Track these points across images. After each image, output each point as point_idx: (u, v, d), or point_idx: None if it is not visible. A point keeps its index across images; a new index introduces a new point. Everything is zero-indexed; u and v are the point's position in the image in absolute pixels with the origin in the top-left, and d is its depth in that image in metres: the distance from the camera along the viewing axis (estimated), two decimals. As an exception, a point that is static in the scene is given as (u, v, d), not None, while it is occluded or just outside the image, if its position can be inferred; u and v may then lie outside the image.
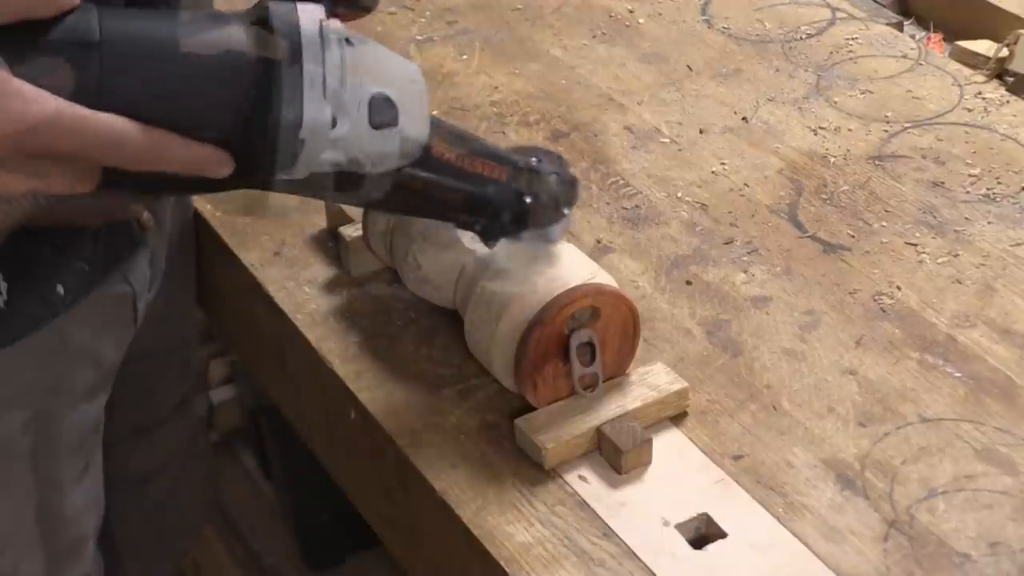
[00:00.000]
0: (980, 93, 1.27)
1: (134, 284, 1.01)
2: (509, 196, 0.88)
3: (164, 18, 0.76)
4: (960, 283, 1.05)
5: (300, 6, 0.77)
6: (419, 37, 1.39)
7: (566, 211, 0.92)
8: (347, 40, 0.78)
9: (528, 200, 0.89)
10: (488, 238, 0.91)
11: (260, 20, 0.76)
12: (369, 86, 0.78)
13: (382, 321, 1.03)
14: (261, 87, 0.75)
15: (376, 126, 0.79)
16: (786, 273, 1.07)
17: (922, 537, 0.85)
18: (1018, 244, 1.09)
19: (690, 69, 1.33)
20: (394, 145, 0.80)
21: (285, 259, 1.10)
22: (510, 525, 0.87)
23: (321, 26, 0.76)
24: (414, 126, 0.81)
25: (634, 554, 0.84)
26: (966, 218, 1.12)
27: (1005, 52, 1.37)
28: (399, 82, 0.80)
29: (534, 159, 0.90)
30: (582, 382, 0.92)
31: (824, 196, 1.15)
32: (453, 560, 0.92)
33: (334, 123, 0.77)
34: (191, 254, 1.20)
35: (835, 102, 1.27)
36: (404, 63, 0.82)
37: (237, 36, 0.75)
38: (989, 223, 1.11)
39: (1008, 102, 1.26)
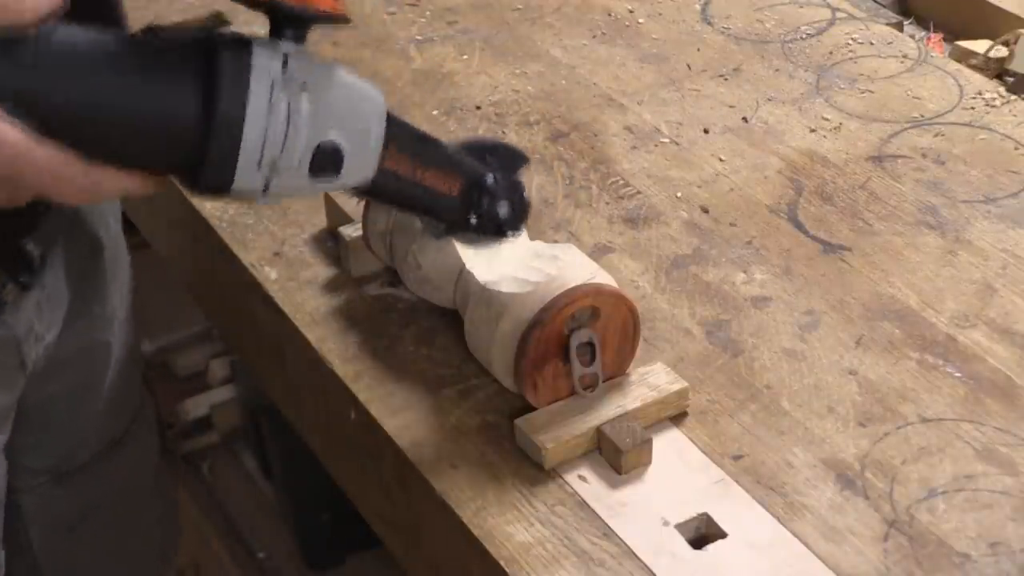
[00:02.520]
0: (980, 93, 1.27)
1: (15, 328, 0.97)
2: (454, 210, 0.87)
3: (107, 46, 0.73)
4: (960, 283, 1.05)
5: (256, 57, 0.74)
6: (419, 37, 1.39)
7: (509, 235, 0.90)
8: (304, 84, 0.75)
9: (472, 221, 0.88)
10: (429, 232, 0.92)
11: (208, 67, 0.73)
12: (318, 134, 0.76)
13: (382, 321, 1.03)
14: (194, 147, 0.73)
15: (316, 174, 0.77)
16: (786, 273, 1.07)
17: (922, 537, 0.85)
18: (1018, 244, 1.09)
19: (690, 69, 1.33)
20: (330, 188, 0.79)
21: (285, 259, 1.10)
22: (510, 525, 0.87)
23: (272, 86, 0.74)
24: (358, 172, 0.79)
25: (634, 554, 0.84)
26: (966, 218, 1.12)
27: (1002, 50, 1.37)
28: (354, 122, 0.78)
29: (490, 178, 0.88)
30: (582, 382, 0.92)
31: (824, 196, 1.15)
32: (453, 560, 0.92)
33: (266, 187, 0.76)
34: (104, 286, 1.11)
35: (835, 102, 1.27)
36: (364, 92, 0.79)
37: (181, 96, 0.73)
38: (989, 223, 1.11)
39: (1008, 102, 1.26)
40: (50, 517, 1.16)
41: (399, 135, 0.82)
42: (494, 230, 0.89)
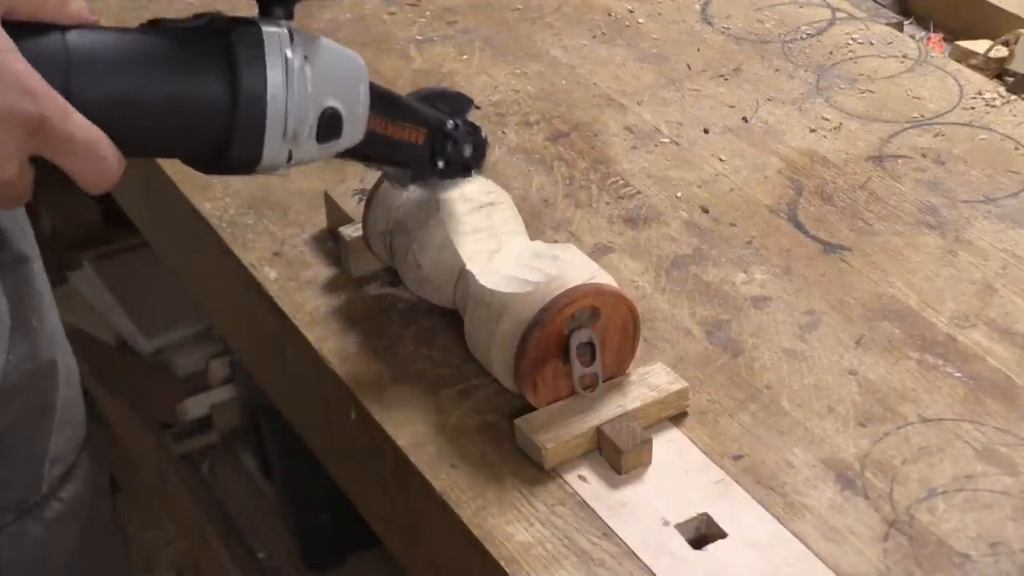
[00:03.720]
0: (980, 93, 1.27)
1: None
2: (423, 157, 0.93)
3: (132, 42, 0.76)
4: (960, 283, 1.05)
5: (266, 37, 0.77)
6: (419, 37, 1.39)
7: (473, 173, 0.97)
8: (305, 58, 0.79)
9: (440, 165, 0.94)
10: (395, 182, 0.96)
11: (223, 49, 0.76)
12: (321, 101, 0.80)
13: (382, 321, 1.03)
14: (221, 127, 0.77)
15: (321, 140, 0.81)
16: (786, 273, 1.07)
17: (922, 537, 0.85)
18: (1018, 244, 1.09)
19: (690, 69, 1.33)
20: (332, 152, 0.83)
21: (285, 259, 1.10)
22: (510, 525, 0.87)
23: (287, 61, 0.77)
24: (353, 133, 0.84)
25: (634, 554, 0.84)
26: (966, 218, 1.12)
27: (1002, 50, 1.37)
28: (346, 86, 0.82)
29: (450, 123, 0.93)
30: (582, 382, 0.92)
31: (824, 196, 1.15)
32: (453, 560, 0.92)
33: (290, 157, 0.80)
34: (38, 300, 1.07)
35: (835, 102, 1.27)
36: (350, 61, 0.83)
37: (204, 80, 0.76)
38: (989, 223, 1.11)
39: (1008, 102, 1.26)
40: (20, 556, 1.12)
41: (372, 96, 0.86)
42: (461, 171, 0.96)
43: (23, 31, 0.71)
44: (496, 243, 0.98)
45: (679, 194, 1.16)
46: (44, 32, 0.72)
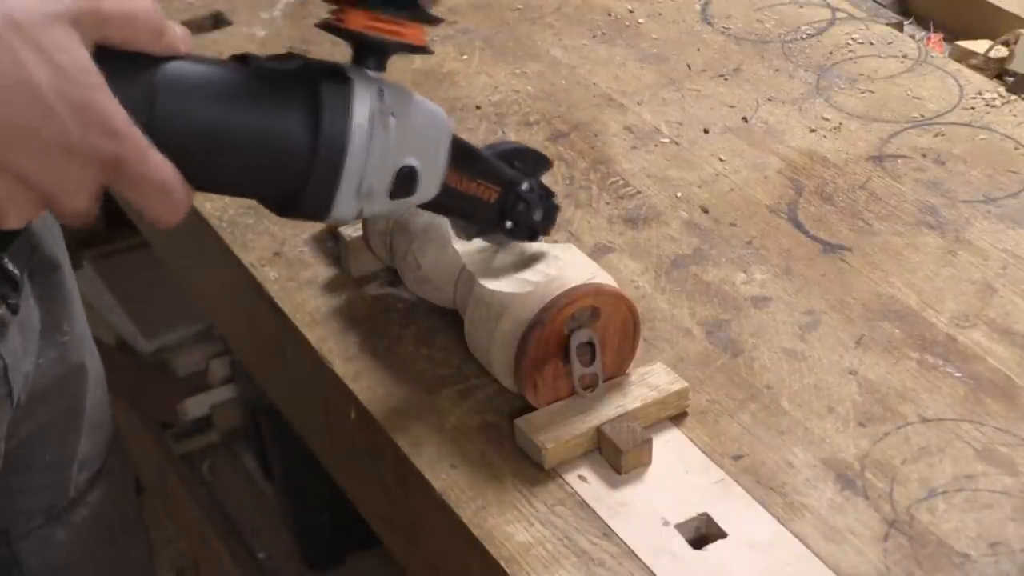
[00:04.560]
0: (980, 93, 1.27)
1: (5, 357, 0.93)
2: (492, 215, 0.91)
3: (220, 76, 0.75)
4: (960, 283, 1.05)
5: (356, 95, 0.76)
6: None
7: (539, 238, 0.95)
8: (393, 114, 0.78)
9: (508, 225, 0.92)
10: (459, 232, 0.95)
11: (312, 96, 0.76)
12: (400, 159, 0.79)
13: (382, 321, 1.03)
14: (297, 174, 0.76)
15: (394, 197, 0.80)
16: (786, 273, 1.07)
17: (922, 537, 0.85)
18: (1018, 244, 1.09)
19: (690, 69, 1.33)
20: (403, 208, 0.82)
21: (285, 259, 1.10)
22: (510, 525, 0.87)
23: (373, 120, 0.76)
24: (428, 191, 0.83)
25: (634, 554, 0.84)
26: (966, 218, 1.12)
27: (1002, 50, 1.37)
28: (427, 146, 0.81)
29: (525, 185, 0.92)
30: (582, 382, 0.92)
31: (824, 196, 1.15)
32: (453, 560, 0.92)
33: (359, 213, 0.79)
34: (69, 305, 1.08)
35: (835, 102, 1.27)
36: (436, 115, 0.82)
37: (287, 125, 0.75)
38: (989, 223, 1.11)
39: (1008, 102, 1.26)
40: (48, 562, 1.12)
41: (453, 150, 0.85)
42: (527, 235, 0.94)
43: (113, 60, 0.70)
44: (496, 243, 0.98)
45: (679, 194, 1.16)
46: (133, 61, 0.72)
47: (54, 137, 0.68)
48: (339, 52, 0.80)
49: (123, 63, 0.71)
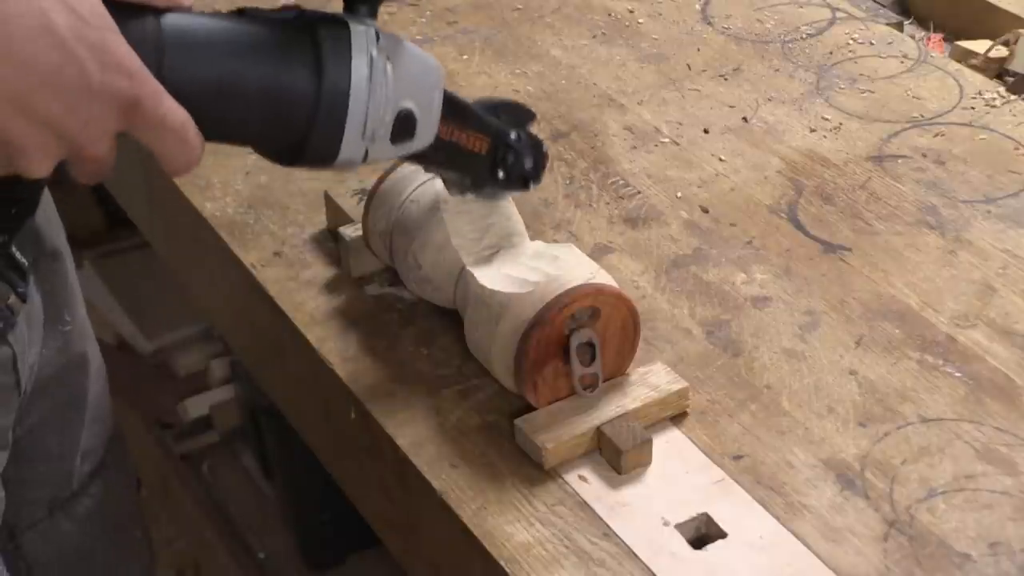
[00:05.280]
0: (980, 93, 1.27)
1: (14, 345, 0.93)
2: (484, 167, 0.92)
3: (224, 28, 0.77)
4: (960, 283, 1.05)
5: (354, 36, 0.78)
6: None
7: (532, 186, 0.96)
8: (388, 57, 0.79)
9: (500, 175, 0.93)
10: (454, 188, 0.95)
11: (312, 44, 0.77)
12: (398, 102, 0.81)
13: (382, 321, 1.03)
14: (303, 120, 0.77)
15: (395, 141, 0.82)
16: (786, 273, 1.07)
17: (922, 537, 0.85)
18: (1018, 244, 1.09)
19: (690, 69, 1.33)
20: (404, 152, 0.84)
21: (285, 259, 1.10)
22: (510, 525, 0.87)
23: (372, 60, 0.78)
24: (425, 137, 0.84)
25: (634, 554, 0.84)
26: (966, 218, 1.12)
27: (1002, 50, 1.37)
28: (423, 89, 0.83)
29: (514, 135, 0.93)
30: (582, 382, 0.92)
31: (824, 196, 1.15)
32: (453, 560, 0.92)
33: (365, 156, 0.80)
34: (71, 295, 1.08)
35: (835, 102, 1.27)
36: (428, 65, 0.84)
37: (291, 72, 0.77)
38: (989, 223, 1.11)
39: (1008, 102, 1.26)
40: (52, 554, 1.12)
41: (445, 101, 0.86)
42: (520, 183, 0.95)
43: (120, 11, 0.72)
44: (496, 243, 0.98)
45: (679, 194, 1.16)
46: (140, 14, 0.73)
47: (76, 78, 0.70)
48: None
49: (130, 16, 0.73)
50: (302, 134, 0.78)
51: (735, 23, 1.40)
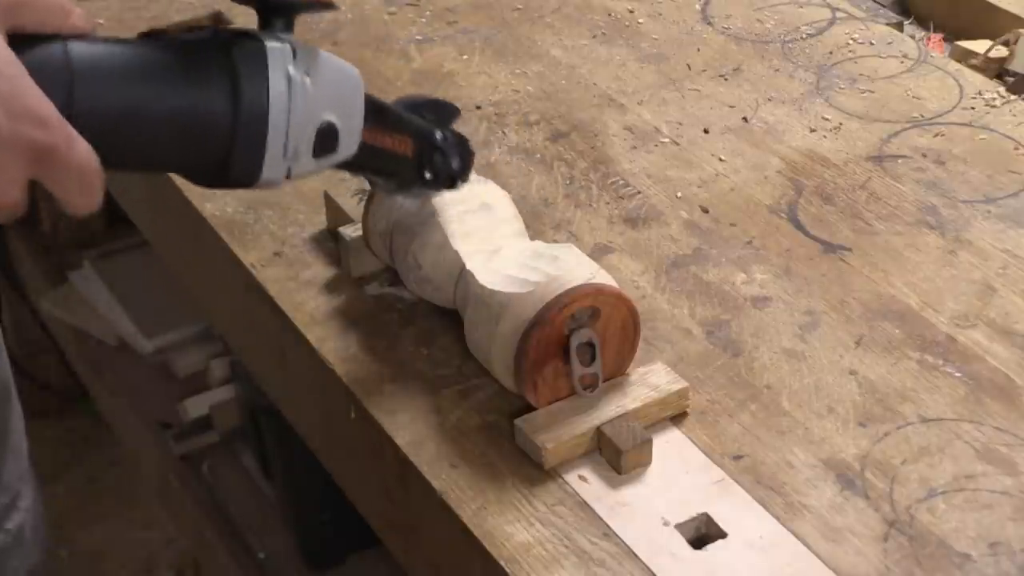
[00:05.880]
0: (980, 93, 1.27)
1: None
2: (410, 168, 0.92)
3: (134, 55, 0.75)
4: (960, 283, 1.05)
5: (270, 54, 0.76)
6: (419, 37, 1.39)
7: (459, 185, 0.96)
8: (307, 72, 0.78)
9: (427, 176, 0.93)
10: (380, 192, 0.96)
11: (226, 64, 0.75)
12: (319, 116, 0.79)
13: (382, 321, 1.03)
14: (222, 143, 0.76)
15: (318, 155, 0.81)
16: (786, 273, 1.07)
17: (922, 537, 0.85)
18: (1018, 244, 1.09)
19: (690, 69, 1.33)
20: (327, 165, 0.83)
21: (285, 259, 1.10)
22: (510, 525, 0.87)
23: (289, 78, 0.76)
24: (347, 147, 0.83)
25: (634, 554, 0.84)
26: (966, 218, 1.12)
27: (1002, 50, 1.37)
28: (343, 102, 0.81)
29: (439, 135, 0.92)
30: (582, 382, 0.92)
31: (824, 196, 1.15)
32: (453, 560, 0.92)
33: (289, 173, 0.79)
34: None
35: (835, 102, 1.27)
36: (348, 74, 0.83)
37: (206, 95, 0.75)
38: (989, 223, 1.11)
39: (1008, 102, 1.26)
40: None
41: (366, 107, 0.85)
42: (448, 183, 0.95)
43: (26, 43, 0.70)
44: (496, 243, 0.98)
45: (679, 194, 1.16)
46: (46, 43, 0.71)
47: None
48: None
49: (35, 48, 0.71)
50: (221, 157, 0.76)
51: (735, 23, 1.40)
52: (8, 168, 0.69)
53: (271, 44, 0.77)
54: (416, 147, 0.91)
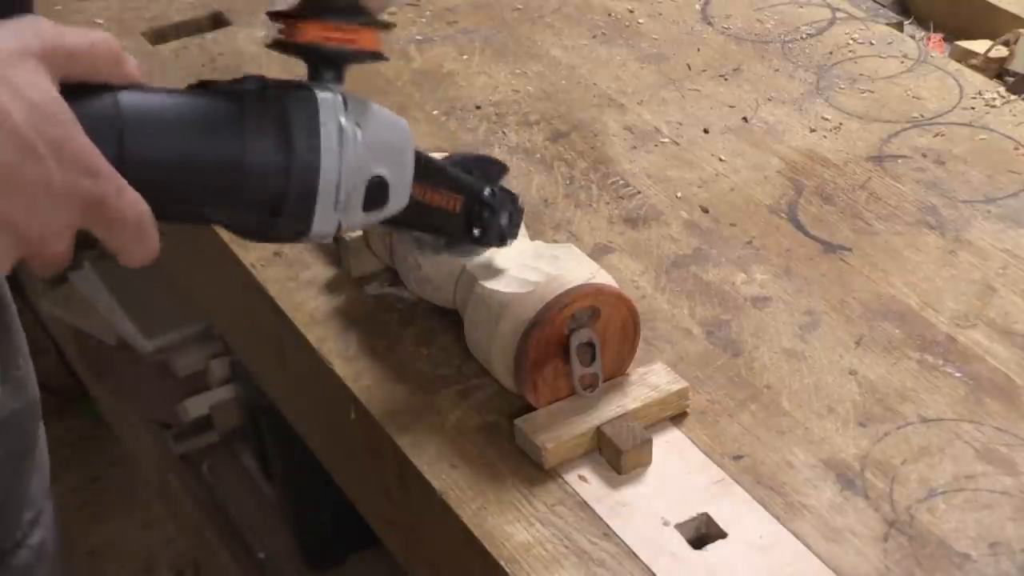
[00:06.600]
0: (980, 93, 1.27)
1: None
2: (458, 224, 0.91)
3: (185, 104, 0.74)
4: (960, 283, 1.05)
5: (321, 106, 0.75)
6: (419, 37, 1.39)
7: (509, 242, 0.95)
8: (358, 124, 0.77)
9: (476, 233, 0.92)
10: (429, 249, 0.95)
11: (278, 116, 0.75)
12: (369, 169, 0.78)
13: (382, 321, 1.03)
14: (273, 197, 0.75)
15: (368, 209, 0.80)
16: (786, 273, 1.07)
17: (922, 537, 0.85)
18: (1018, 244, 1.09)
19: (690, 69, 1.33)
20: (378, 219, 0.82)
21: (285, 259, 1.10)
22: (510, 525, 0.87)
23: (341, 130, 0.75)
24: (398, 202, 0.82)
25: (634, 554, 0.84)
26: (966, 218, 1.12)
27: (1002, 50, 1.37)
28: (393, 155, 0.81)
29: (488, 191, 0.91)
30: (582, 382, 0.92)
31: (824, 196, 1.15)
32: (453, 560, 0.92)
33: (339, 227, 0.78)
34: (20, 341, 1.05)
35: (835, 102, 1.27)
36: (397, 128, 0.82)
37: (257, 147, 0.74)
38: (989, 223, 1.11)
39: (1008, 102, 1.26)
40: None
41: (415, 161, 0.84)
42: (497, 240, 0.94)
43: (77, 93, 0.69)
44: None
45: (679, 194, 1.16)
46: (97, 94, 0.71)
47: (37, 178, 0.66)
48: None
49: (87, 97, 0.70)
50: (272, 211, 0.76)
51: (735, 23, 1.40)
52: (61, 218, 0.68)
53: (322, 95, 0.76)
54: (465, 204, 0.90)
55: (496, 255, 0.96)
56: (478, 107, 1.28)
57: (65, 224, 0.69)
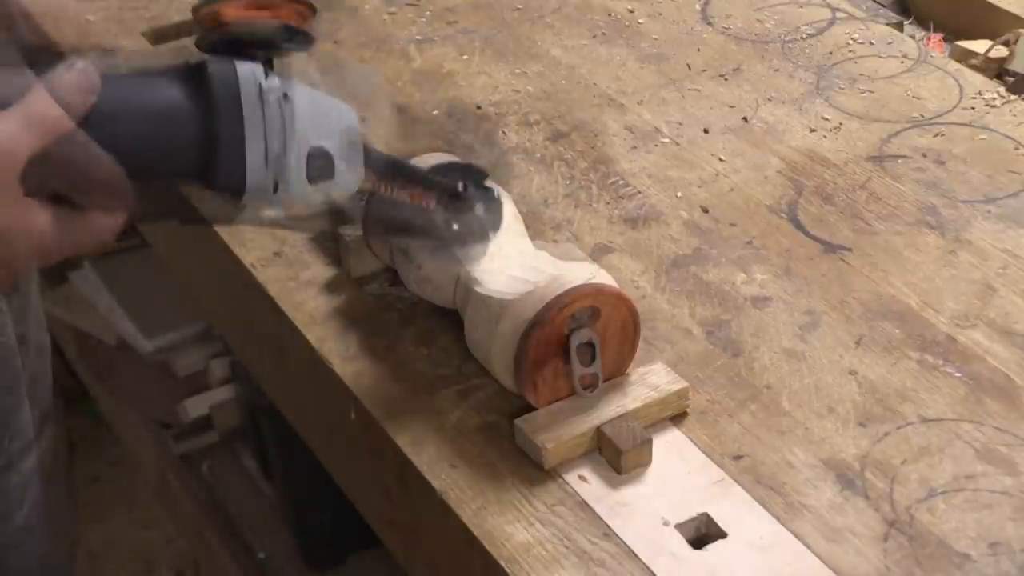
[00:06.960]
0: (980, 93, 1.27)
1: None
2: (436, 223, 0.93)
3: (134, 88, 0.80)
4: (960, 283, 1.05)
5: (239, 68, 0.80)
6: (419, 37, 1.39)
7: (492, 235, 0.96)
8: (284, 95, 0.81)
9: (455, 228, 0.94)
10: (421, 255, 0.97)
11: (197, 81, 0.80)
12: (308, 139, 0.82)
13: (382, 321, 1.03)
14: (204, 148, 0.79)
15: (314, 180, 0.83)
16: (786, 273, 1.07)
17: (922, 537, 0.85)
18: (1018, 244, 1.09)
19: (690, 69, 1.33)
20: (327, 193, 0.85)
21: (285, 259, 1.10)
22: (510, 525, 0.87)
23: (261, 88, 0.80)
24: (349, 182, 0.85)
25: (634, 554, 0.84)
26: (966, 218, 1.12)
27: (1002, 50, 1.37)
28: (336, 133, 0.84)
29: (460, 186, 0.94)
30: (582, 382, 0.92)
31: (824, 196, 1.15)
32: (453, 560, 0.92)
33: (275, 188, 0.81)
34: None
35: (835, 102, 1.27)
36: (341, 110, 0.85)
37: (175, 102, 0.79)
38: (989, 223, 1.11)
39: (1008, 102, 1.26)
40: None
41: (377, 161, 0.88)
42: (479, 234, 0.95)
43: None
44: (496, 243, 0.97)
45: (679, 194, 1.16)
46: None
47: None
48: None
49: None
50: (208, 162, 0.80)
51: (735, 23, 1.40)
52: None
53: (240, 62, 0.81)
54: (438, 199, 0.93)
55: (496, 255, 0.96)
56: (478, 107, 1.28)
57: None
